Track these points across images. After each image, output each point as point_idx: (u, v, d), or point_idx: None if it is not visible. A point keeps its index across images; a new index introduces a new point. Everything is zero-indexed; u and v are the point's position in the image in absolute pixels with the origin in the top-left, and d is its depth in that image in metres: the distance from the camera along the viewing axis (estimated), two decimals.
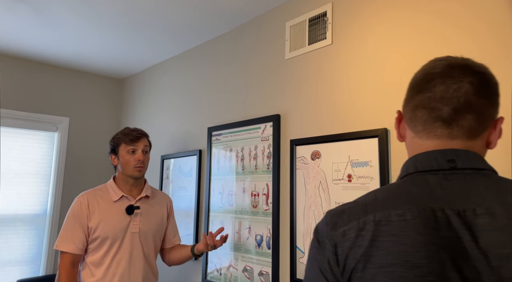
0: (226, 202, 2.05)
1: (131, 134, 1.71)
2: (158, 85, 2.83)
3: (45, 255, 2.73)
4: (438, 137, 0.60)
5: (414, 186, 0.57)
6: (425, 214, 0.53)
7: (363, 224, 0.56)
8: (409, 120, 0.64)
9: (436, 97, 0.60)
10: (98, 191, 1.69)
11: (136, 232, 1.66)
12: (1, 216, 2.60)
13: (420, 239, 0.51)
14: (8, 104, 2.70)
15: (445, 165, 0.58)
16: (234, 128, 2.07)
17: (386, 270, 0.51)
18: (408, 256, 0.51)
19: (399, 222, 0.53)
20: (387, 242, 0.53)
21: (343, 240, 0.57)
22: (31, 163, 2.76)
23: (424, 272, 0.50)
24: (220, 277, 1.99)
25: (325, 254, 0.59)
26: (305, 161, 1.67)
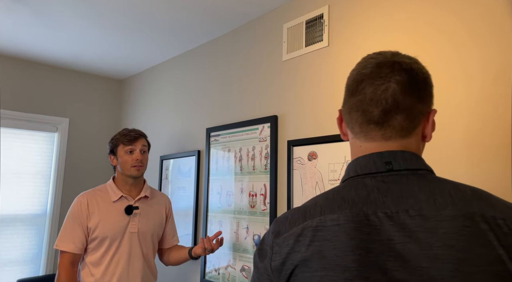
0: (224, 202, 2.07)
1: (129, 135, 1.74)
2: (157, 86, 2.85)
3: (45, 255, 2.75)
4: (374, 139, 0.62)
5: (353, 190, 0.59)
6: (358, 218, 0.54)
7: (302, 230, 0.57)
8: (347, 122, 0.66)
9: (366, 99, 0.61)
10: (98, 191, 1.71)
11: (135, 232, 1.68)
12: (1, 216, 2.62)
13: (350, 243, 0.52)
14: (8, 105, 2.72)
15: (383, 167, 0.59)
16: (233, 129, 2.09)
17: (319, 274, 0.53)
18: (338, 260, 0.52)
19: (333, 227, 0.55)
20: (322, 246, 0.54)
21: (283, 246, 0.59)
22: (31, 163, 2.78)
23: (353, 275, 0.51)
24: (218, 276, 2.01)
25: (265, 262, 0.61)
26: (302, 162, 1.69)
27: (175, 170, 2.52)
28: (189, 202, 2.35)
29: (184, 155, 2.44)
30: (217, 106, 2.26)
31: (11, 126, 2.71)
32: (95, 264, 1.61)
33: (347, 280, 0.51)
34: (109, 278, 1.60)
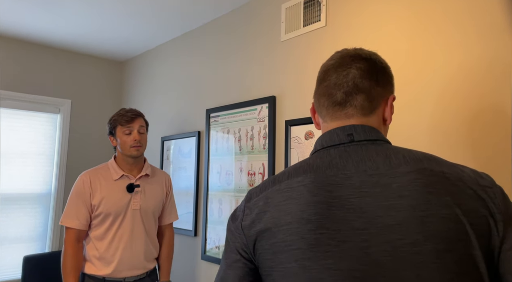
0: (224, 181, 2.12)
1: (126, 116, 1.77)
2: (157, 68, 2.87)
3: (51, 232, 2.83)
4: (338, 118, 0.69)
5: (318, 159, 0.66)
6: (321, 179, 0.61)
7: (271, 193, 0.65)
8: (317, 108, 0.73)
9: (331, 84, 0.69)
10: (100, 170, 1.76)
11: (137, 209, 1.73)
12: (8, 195, 2.69)
13: (313, 199, 0.59)
14: (11, 86, 2.75)
15: (345, 139, 0.66)
16: (232, 109, 2.12)
17: (284, 228, 0.60)
18: (302, 214, 0.59)
19: (298, 187, 0.62)
20: (288, 205, 0.61)
21: (253, 208, 0.66)
22: (35, 144, 2.83)
23: (315, 226, 0.58)
24: (218, 252, 2.08)
25: (236, 223, 0.67)
26: (299, 141, 1.73)
27: (176, 151, 2.56)
28: (190, 181, 2.40)
29: (184, 136, 2.48)
30: (216, 87, 2.29)
31: (14, 107, 2.75)
32: (99, 238, 1.68)
33: (310, 230, 0.58)
34: (113, 252, 1.67)
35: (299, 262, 0.57)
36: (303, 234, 0.58)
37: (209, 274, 2.15)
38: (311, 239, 0.57)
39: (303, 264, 0.57)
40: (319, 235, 0.57)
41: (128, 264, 1.68)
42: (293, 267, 0.58)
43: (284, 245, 0.59)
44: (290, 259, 0.58)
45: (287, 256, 0.59)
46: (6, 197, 2.68)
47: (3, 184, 2.68)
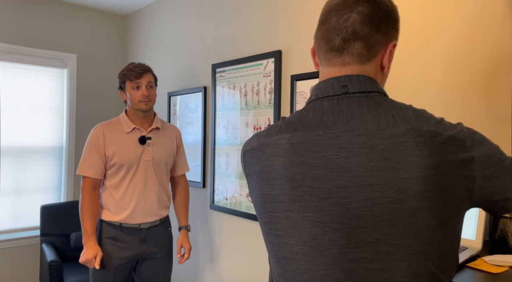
0: (230, 136, 2.18)
1: (134, 71, 1.79)
2: (161, 22, 2.83)
3: (65, 183, 2.96)
4: (334, 65, 0.67)
5: (311, 112, 0.66)
6: (308, 138, 0.63)
7: (261, 146, 0.68)
8: (316, 51, 0.71)
9: (330, 28, 0.66)
10: (112, 123, 1.82)
11: (150, 160, 1.82)
12: (22, 148, 2.79)
13: (298, 160, 0.62)
14: (17, 40, 2.74)
15: (339, 90, 0.65)
16: (237, 64, 2.13)
17: (270, 182, 0.65)
18: (286, 172, 0.63)
19: (285, 145, 0.64)
20: (273, 161, 0.65)
21: (248, 158, 0.71)
22: (44, 99, 2.88)
23: (298, 184, 0.62)
24: (226, 202, 2.19)
25: (242, 166, 0.75)
26: (305, 95, 1.76)
27: (183, 106, 2.60)
28: (197, 136, 2.47)
29: (191, 91, 2.51)
30: (222, 42, 2.28)
31: (21, 62, 2.77)
32: (115, 187, 1.78)
33: (293, 188, 0.62)
34: (128, 199, 1.77)
35: (283, 213, 0.64)
36: (286, 191, 0.63)
37: (217, 222, 2.28)
38: (294, 195, 0.62)
39: (286, 215, 0.63)
40: (302, 192, 0.61)
41: (143, 211, 1.79)
42: (279, 216, 0.64)
43: (270, 197, 0.65)
44: (276, 210, 0.65)
45: (273, 206, 0.65)
46: (20, 150, 2.78)
47: (16, 138, 2.77)
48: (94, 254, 1.68)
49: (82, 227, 1.73)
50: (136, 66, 1.83)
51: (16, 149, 2.76)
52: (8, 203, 2.75)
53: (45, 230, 2.68)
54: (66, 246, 2.70)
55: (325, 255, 0.60)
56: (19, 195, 2.79)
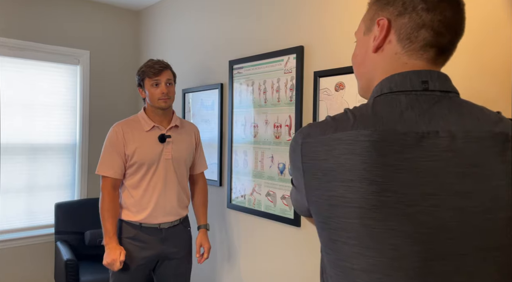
0: (249, 134, 2.14)
1: (153, 68, 1.76)
2: (175, 16, 2.78)
3: (78, 181, 2.94)
4: (428, 61, 0.61)
5: (387, 106, 0.59)
6: (390, 137, 0.56)
7: (330, 140, 0.59)
8: (405, 36, 0.62)
9: (445, 22, 0.60)
10: (131, 121, 1.79)
11: (169, 159, 1.78)
12: (35, 145, 2.77)
13: (381, 160, 0.55)
14: (30, 36, 2.71)
15: (418, 86, 0.59)
16: (256, 61, 2.09)
17: (345, 184, 0.57)
18: (366, 174, 0.55)
19: (364, 142, 0.56)
20: (349, 160, 0.57)
21: (305, 149, 0.62)
22: (57, 96, 2.86)
23: (380, 188, 0.55)
24: (244, 201, 2.16)
25: (296, 158, 0.64)
26: (329, 92, 1.71)
27: (198, 103, 2.56)
28: (213, 134, 2.43)
29: (206, 88, 2.47)
30: (240, 37, 2.23)
31: (35, 58, 2.74)
32: (134, 186, 1.74)
33: (374, 192, 0.55)
34: (148, 198, 1.74)
35: (360, 219, 0.56)
36: (366, 195, 0.55)
37: (235, 222, 2.25)
38: (375, 200, 0.55)
39: (365, 222, 0.56)
40: (384, 197, 0.55)
41: (163, 211, 1.76)
42: (353, 223, 0.57)
43: (343, 201, 0.57)
44: (351, 215, 0.57)
45: (347, 211, 0.57)
46: (34, 147, 2.76)
47: (30, 135, 2.75)
48: (118, 255, 1.65)
49: (103, 228, 1.70)
50: (155, 62, 1.79)
51: (29, 146, 2.74)
52: (23, 201, 2.73)
53: (60, 228, 2.66)
54: (80, 244, 2.68)
55: (406, 268, 0.54)
56: (33, 193, 2.77)
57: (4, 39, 2.60)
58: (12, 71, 2.66)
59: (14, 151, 2.68)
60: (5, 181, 2.65)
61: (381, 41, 0.64)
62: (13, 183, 2.68)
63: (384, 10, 0.64)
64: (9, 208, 2.68)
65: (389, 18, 0.63)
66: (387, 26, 0.63)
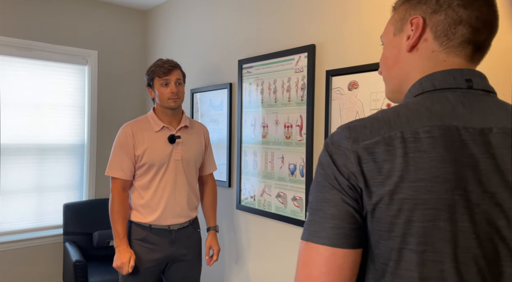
0: (258, 134, 2.11)
1: (163, 67, 1.74)
2: (183, 16, 2.76)
3: (87, 182, 2.93)
4: (466, 58, 0.61)
5: (436, 103, 0.57)
6: (450, 132, 0.54)
7: (389, 139, 0.55)
8: (442, 33, 0.60)
9: (482, 18, 0.59)
10: (140, 122, 1.77)
11: (179, 160, 1.76)
12: (44, 145, 2.77)
13: (448, 156, 0.53)
14: (39, 37, 2.71)
15: (463, 83, 0.58)
16: (266, 60, 2.05)
17: (416, 184, 0.53)
18: (437, 171, 0.53)
19: (427, 139, 0.54)
20: (416, 158, 0.53)
21: (367, 153, 0.56)
22: (66, 96, 2.85)
23: (452, 186, 0.52)
24: (254, 202, 2.13)
25: (348, 166, 0.56)
26: (342, 92, 1.67)
27: (206, 103, 2.54)
28: (222, 134, 2.40)
29: (215, 88, 2.44)
30: (249, 36, 2.20)
31: (43, 59, 2.74)
32: (144, 188, 1.72)
33: (448, 191, 0.53)
34: (157, 200, 1.72)
35: (432, 222, 0.53)
36: (440, 194, 0.52)
37: (244, 223, 2.22)
38: (449, 200, 0.52)
39: (437, 225, 0.53)
40: (457, 196, 0.52)
41: (172, 212, 1.74)
42: (426, 227, 0.53)
43: (414, 203, 0.53)
44: (422, 218, 0.53)
45: (418, 215, 0.53)
46: (42, 148, 2.76)
47: (39, 135, 2.74)
48: (127, 259, 1.63)
49: (113, 230, 1.68)
50: (165, 62, 1.77)
51: (38, 147, 2.74)
52: (31, 201, 2.73)
53: (68, 229, 2.65)
54: (89, 245, 2.67)
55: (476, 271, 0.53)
56: (41, 193, 2.77)
57: (13, 39, 2.60)
58: (22, 71, 2.66)
59: (23, 151, 2.68)
60: (15, 181, 2.65)
61: (416, 40, 0.63)
62: (22, 183, 2.68)
63: (417, 9, 0.63)
64: (18, 209, 2.68)
65: (423, 16, 0.62)
66: (422, 24, 0.62)
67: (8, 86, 2.61)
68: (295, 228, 1.89)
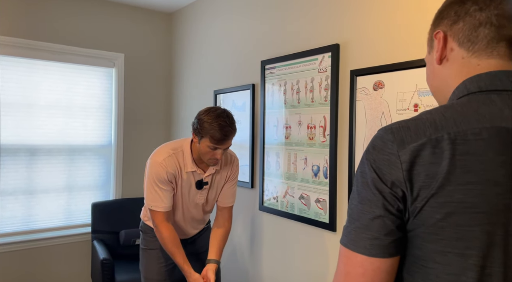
0: (281, 135, 2.09)
1: (220, 133, 1.50)
2: (207, 18, 2.79)
3: (114, 182, 3.01)
4: (501, 57, 0.59)
5: (482, 105, 0.56)
6: (501, 134, 0.53)
7: (436, 141, 0.54)
8: (465, 39, 0.61)
9: (505, 14, 0.57)
10: (175, 158, 1.62)
11: (202, 203, 1.75)
12: (73, 146, 2.86)
13: (499, 158, 0.52)
14: (68, 41, 2.80)
15: (509, 85, 0.56)
16: (289, 60, 2.04)
17: (464, 187, 0.52)
18: (488, 175, 0.51)
19: (476, 141, 0.53)
20: (465, 160, 0.52)
21: (414, 156, 0.54)
22: (94, 98, 2.94)
23: (504, 190, 0.51)
24: (276, 204, 2.11)
25: (394, 172, 0.55)
26: (367, 92, 1.63)
27: (229, 104, 2.55)
28: (245, 135, 2.40)
29: (238, 89, 2.45)
30: (272, 37, 2.19)
31: (73, 62, 2.83)
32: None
33: (498, 194, 0.51)
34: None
35: (482, 226, 0.52)
36: (490, 198, 0.51)
37: (267, 225, 2.21)
38: (499, 204, 0.51)
39: (486, 229, 0.52)
40: (509, 200, 0.51)
41: (181, 233, 1.80)
42: (474, 231, 0.52)
43: (463, 207, 0.52)
44: (470, 222, 0.52)
45: (467, 218, 0.52)
46: (72, 148, 2.85)
47: (69, 136, 2.84)
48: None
49: (176, 262, 1.63)
50: (224, 126, 1.50)
51: (68, 148, 2.83)
52: (61, 200, 2.83)
53: (96, 227, 2.73)
54: (116, 243, 2.74)
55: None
56: (71, 192, 2.86)
57: (46, 44, 2.70)
58: (54, 74, 2.76)
59: (54, 152, 2.78)
60: (46, 181, 2.75)
61: (441, 51, 0.65)
62: (53, 183, 2.78)
63: (440, 25, 0.66)
64: (49, 207, 2.78)
65: (444, 29, 0.65)
66: (443, 36, 0.64)
67: (41, 89, 2.72)
68: (318, 230, 1.87)
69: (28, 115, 2.67)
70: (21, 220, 2.68)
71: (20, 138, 2.65)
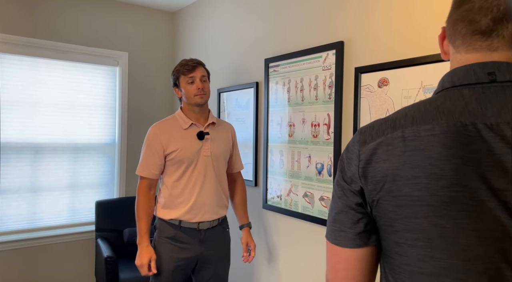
0: (285, 133, 2.09)
1: (187, 65, 1.78)
2: (211, 16, 2.79)
3: (117, 180, 3.02)
4: (477, 50, 0.58)
5: (448, 101, 0.57)
6: (455, 128, 0.53)
7: (391, 139, 0.58)
8: (450, 36, 0.62)
9: (475, 8, 0.57)
10: (168, 121, 1.80)
11: (208, 156, 1.78)
12: (78, 144, 2.87)
13: (447, 152, 0.52)
14: (73, 39, 2.81)
15: (484, 78, 0.56)
16: (293, 58, 2.03)
17: (411, 182, 0.54)
18: (433, 169, 0.53)
19: (427, 137, 0.54)
20: (414, 156, 0.55)
21: (370, 154, 0.59)
22: (98, 96, 2.94)
23: (449, 183, 0.52)
24: (280, 202, 2.11)
25: (352, 169, 0.62)
26: (371, 89, 1.63)
27: (233, 102, 2.55)
28: (248, 133, 2.40)
29: (241, 87, 2.44)
30: (276, 35, 2.18)
31: (77, 60, 2.84)
32: (174, 184, 1.75)
33: (443, 187, 0.52)
34: (187, 196, 1.74)
35: (429, 218, 0.54)
36: (435, 191, 0.53)
37: (271, 223, 2.20)
38: (445, 196, 0.52)
39: (434, 221, 0.53)
40: (454, 193, 0.52)
41: (201, 208, 1.75)
42: (422, 223, 0.54)
43: (411, 200, 0.55)
44: (418, 215, 0.54)
45: (414, 211, 0.55)
46: (76, 147, 2.86)
47: (73, 134, 2.85)
48: (147, 259, 1.68)
49: (137, 227, 1.73)
50: (189, 60, 1.82)
51: (72, 146, 2.84)
52: (65, 198, 2.84)
53: (100, 225, 2.74)
54: (119, 241, 2.74)
55: (480, 271, 0.51)
56: (75, 191, 2.87)
57: (50, 42, 2.71)
58: (58, 73, 2.77)
59: (59, 150, 2.79)
60: (50, 179, 2.76)
61: (440, 46, 0.67)
62: (57, 181, 2.79)
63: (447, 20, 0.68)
64: (53, 205, 2.79)
65: (445, 25, 0.67)
66: (442, 32, 0.67)
67: (45, 88, 2.73)
68: (322, 228, 1.86)
69: (33, 113, 2.68)
70: (26, 218, 2.69)
71: (25, 137, 2.66)
